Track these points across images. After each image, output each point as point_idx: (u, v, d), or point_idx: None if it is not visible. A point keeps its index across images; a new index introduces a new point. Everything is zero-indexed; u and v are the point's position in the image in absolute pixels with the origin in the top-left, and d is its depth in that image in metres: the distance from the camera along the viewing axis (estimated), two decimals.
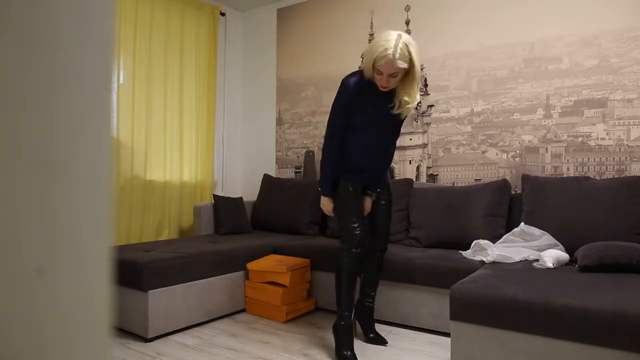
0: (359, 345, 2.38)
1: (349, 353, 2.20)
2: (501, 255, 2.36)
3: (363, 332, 2.48)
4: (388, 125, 2.29)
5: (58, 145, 0.38)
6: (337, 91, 2.24)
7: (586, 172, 2.86)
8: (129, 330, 2.49)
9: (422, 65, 3.49)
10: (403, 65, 2.03)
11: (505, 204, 2.85)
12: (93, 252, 0.41)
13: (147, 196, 3.61)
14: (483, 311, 1.79)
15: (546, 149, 3.02)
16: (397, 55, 2.00)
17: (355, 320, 2.50)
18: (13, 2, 0.35)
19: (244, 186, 4.47)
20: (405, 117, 2.31)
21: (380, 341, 2.42)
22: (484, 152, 3.25)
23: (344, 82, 2.21)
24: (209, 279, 2.75)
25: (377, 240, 2.42)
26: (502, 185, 2.89)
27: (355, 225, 2.27)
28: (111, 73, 0.43)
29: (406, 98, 2.14)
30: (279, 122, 4.32)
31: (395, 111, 2.19)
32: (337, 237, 3.35)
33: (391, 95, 2.18)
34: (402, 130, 3.48)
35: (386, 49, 2.00)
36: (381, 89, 2.14)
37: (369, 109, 2.21)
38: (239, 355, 2.27)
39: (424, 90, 3.48)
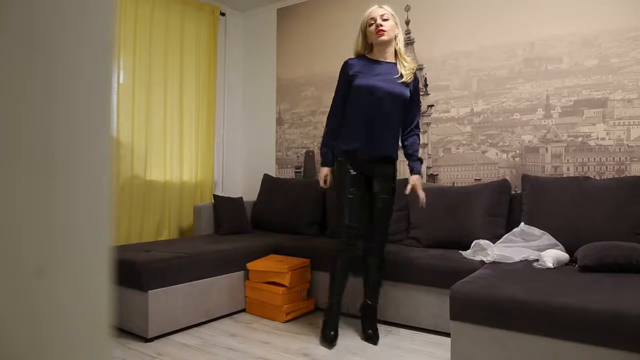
0: (359, 345, 2.38)
1: (332, 333, 2.38)
2: (501, 255, 2.36)
3: (362, 329, 2.49)
4: (391, 96, 2.33)
5: (58, 145, 0.38)
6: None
7: (586, 172, 2.86)
8: (129, 330, 2.49)
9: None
10: (389, 9, 2.38)
11: (505, 204, 2.85)
12: (93, 252, 0.41)
13: (147, 196, 3.61)
14: (483, 311, 1.79)
15: (546, 149, 3.02)
16: (380, 5, 2.39)
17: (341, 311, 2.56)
18: (13, 2, 0.35)
19: (244, 186, 4.47)
20: (411, 90, 2.40)
21: (371, 339, 2.41)
22: (484, 152, 3.25)
23: (344, 62, 2.44)
24: (209, 279, 2.75)
25: (373, 242, 2.44)
26: (502, 185, 2.89)
27: (349, 218, 2.36)
28: (111, 73, 0.43)
29: (402, 69, 2.36)
30: (279, 122, 4.31)
31: (400, 80, 2.35)
32: (337, 237, 3.38)
33: (391, 66, 2.37)
34: None
35: (369, 8, 2.40)
36: (379, 40, 2.33)
37: (369, 78, 2.33)
38: (239, 355, 2.27)
39: (424, 90, 3.48)
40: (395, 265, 2.63)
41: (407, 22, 3.54)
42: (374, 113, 2.32)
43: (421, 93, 3.49)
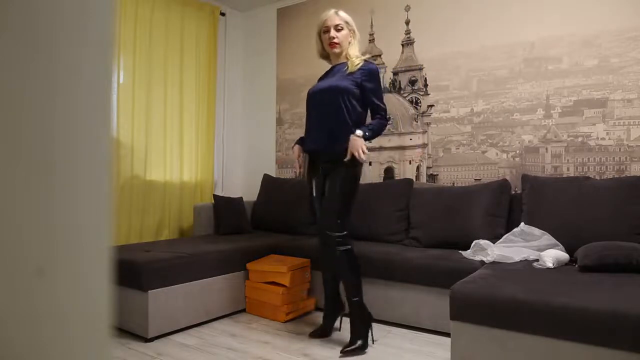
0: None
1: (323, 330, 2.50)
2: (501, 255, 2.36)
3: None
4: (331, 91, 2.36)
5: (58, 145, 0.38)
6: None
7: (586, 172, 2.86)
8: (129, 330, 2.49)
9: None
10: (344, 16, 2.43)
11: (505, 204, 2.84)
12: (93, 252, 0.41)
13: (147, 196, 3.61)
14: (483, 311, 1.79)
15: (546, 149, 3.02)
16: (336, 12, 2.43)
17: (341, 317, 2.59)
18: (13, 2, 0.35)
19: (244, 186, 4.47)
20: (360, 80, 2.33)
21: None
22: (484, 152, 3.25)
23: None
24: (209, 279, 2.75)
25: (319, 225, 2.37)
26: (502, 185, 2.89)
27: (312, 205, 2.52)
28: (111, 73, 0.43)
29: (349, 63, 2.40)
30: (279, 122, 4.31)
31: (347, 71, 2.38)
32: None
33: (342, 65, 2.42)
34: (402, 130, 3.52)
35: (325, 13, 2.46)
36: (332, 49, 2.41)
37: (317, 84, 2.51)
38: (239, 355, 2.27)
39: (424, 90, 3.48)
40: (396, 266, 2.63)
41: (407, 22, 3.54)
42: (317, 112, 2.43)
43: (421, 93, 3.49)
